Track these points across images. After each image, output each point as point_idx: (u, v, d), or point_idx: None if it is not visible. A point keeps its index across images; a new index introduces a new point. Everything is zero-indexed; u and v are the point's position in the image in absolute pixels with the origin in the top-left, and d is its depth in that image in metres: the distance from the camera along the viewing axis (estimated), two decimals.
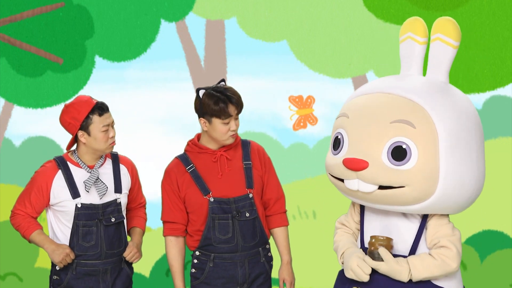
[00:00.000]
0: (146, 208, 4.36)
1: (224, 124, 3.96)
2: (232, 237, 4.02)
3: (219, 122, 3.95)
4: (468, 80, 6.02)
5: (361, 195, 3.40)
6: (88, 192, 4.05)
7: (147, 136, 6.34)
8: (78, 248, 4.07)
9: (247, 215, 4.04)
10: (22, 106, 6.15)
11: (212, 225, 4.01)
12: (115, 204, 4.12)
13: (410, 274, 3.38)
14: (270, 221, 4.16)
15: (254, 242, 4.06)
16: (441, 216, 3.46)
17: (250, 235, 4.05)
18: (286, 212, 4.20)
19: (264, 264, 4.11)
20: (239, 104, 3.97)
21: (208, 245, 4.03)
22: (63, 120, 4.04)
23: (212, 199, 4.00)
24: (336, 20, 6.12)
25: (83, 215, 4.05)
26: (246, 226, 4.04)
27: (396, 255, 3.44)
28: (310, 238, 6.22)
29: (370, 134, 3.34)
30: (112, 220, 4.10)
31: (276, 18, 6.12)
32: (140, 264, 5.42)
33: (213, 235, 4.01)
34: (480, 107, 6.14)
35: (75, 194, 4.05)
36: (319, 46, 6.14)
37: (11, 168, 6.20)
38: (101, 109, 4.01)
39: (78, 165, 4.08)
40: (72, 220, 4.05)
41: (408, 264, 3.38)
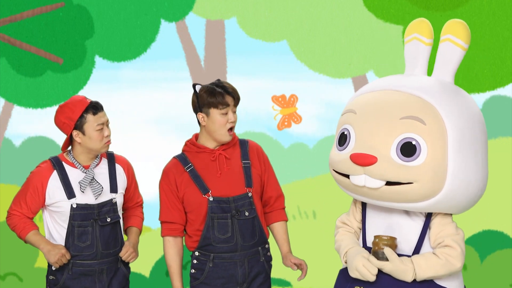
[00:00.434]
0: (143, 208, 4.35)
1: (222, 115, 3.97)
2: (231, 236, 4.02)
3: (217, 113, 3.96)
4: (468, 80, 6.02)
5: (366, 191, 3.40)
6: (83, 192, 4.05)
7: (147, 136, 6.33)
8: (73, 248, 4.07)
9: (246, 214, 4.04)
10: (22, 106, 6.15)
11: (211, 224, 4.01)
12: (111, 204, 4.12)
13: (415, 273, 3.38)
14: (269, 217, 4.17)
15: (254, 241, 4.06)
16: (444, 215, 3.46)
17: (249, 234, 4.05)
18: (285, 208, 4.20)
19: (264, 263, 4.11)
20: (235, 95, 3.99)
21: (207, 245, 4.03)
22: (58, 120, 4.04)
23: (211, 198, 4.00)
24: (336, 20, 6.12)
25: (78, 215, 4.05)
26: (245, 225, 4.04)
27: (400, 254, 3.44)
28: (310, 238, 6.21)
29: (379, 129, 3.35)
30: (108, 220, 4.09)
31: (276, 18, 6.12)
32: (140, 264, 5.41)
33: (212, 234, 4.01)
34: (480, 107, 6.14)
35: (70, 194, 4.05)
36: (319, 46, 6.14)
37: (11, 168, 6.20)
38: (95, 108, 4.01)
39: (73, 165, 4.08)
40: (67, 220, 4.05)
41: (413, 263, 3.38)
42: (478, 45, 5.99)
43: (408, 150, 3.30)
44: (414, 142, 3.30)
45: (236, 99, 4.00)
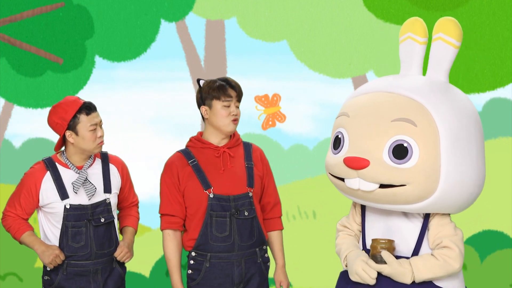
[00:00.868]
0: (138, 207, 4.35)
1: (224, 108, 3.98)
2: (229, 235, 4.01)
3: (220, 105, 3.98)
4: (468, 80, 6.02)
5: (361, 194, 3.40)
6: (76, 193, 4.05)
7: (148, 136, 6.33)
8: (68, 248, 4.07)
9: (246, 214, 4.04)
10: (22, 106, 6.15)
11: (210, 222, 4.00)
12: (105, 204, 4.12)
13: (413, 275, 3.38)
14: (266, 224, 4.17)
15: (251, 242, 4.06)
16: (442, 216, 3.45)
17: (247, 234, 4.04)
18: (281, 216, 4.22)
19: (261, 264, 4.11)
20: (238, 89, 4.01)
21: (204, 243, 4.02)
22: (51, 121, 4.05)
23: (212, 195, 4.00)
24: (336, 20, 6.12)
25: (72, 216, 4.05)
26: (244, 225, 4.03)
27: (398, 256, 3.44)
28: (310, 238, 6.22)
29: (371, 132, 3.34)
30: (102, 220, 4.09)
31: (276, 18, 6.12)
32: (140, 264, 5.41)
33: (210, 232, 4.00)
34: (480, 108, 6.14)
35: (63, 195, 4.05)
36: (319, 46, 6.14)
37: (11, 168, 6.20)
38: (88, 108, 4.01)
39: (66, 166, 4.08)
40: (61, 221, 4.05)
41: (411, 265, 3.38)
42: (478, 45, 5.99)
43: (400, 152, 3.29)
44: (405, 144, 3.29)
45: (239, 93, 4.02)
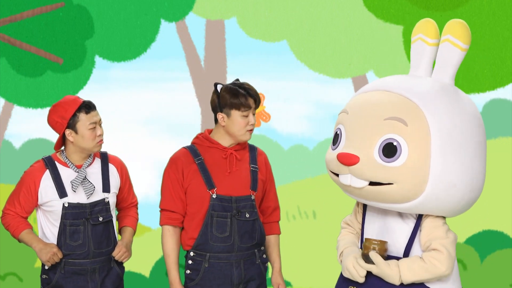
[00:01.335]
0: (138, 208, 4.36)
1: (243, 117, 3.97)
2: (229, 236, 4.01)
3: (239, 114, 3.97)
4: (468, 80, 6.03)
5: (353, 190, 3.42)
6: (75, 191, 4.06)
7: (147, 135, 6.34)
8: (65, 247, 4.07)
9: (247, 215, 4.04)
10: (22, 106, 6.15)
11: (210, 222, 4.00)
12: (103, 203, 4.12)
13: (400, 277, 3.38)
14: (265, 228, 4.18)
15: (251, 244, 4.06)
16: (435, 218, 3.44)
17: (248, 236, 4.04)
18: (279, 221, 4.24)
19: (260, 265, 4.11)
20: (257, 98, 4.01)
21: (204, 243, 4.02)
22: (51, 120, 4.07)
23: (214, 196, 3.99)
24: (336, 20, 6.12)
25: (70, 215, 4.06)
26: (244, 226, 4.03)
27: (392, 256, 3.44)
28: (310, 238, 6.22)
29: (365, 130, 3.35)
30: (100, 219, 4.10)
31: (276, 18, 6.13)
32: (140, 264, 5.41)
33: (210, 232, 4.00)
34: (480, 108, 6.14)
35: (62, 193, 4.06)
36: (319, 46, 6.15)
37: (11, 168, 6.21)
38: (88, 107, 4.03)
39: (66, 164, 4.09)
40: (59, 219, 4.06)
41: (398, 267, 3.38)
42: (478, 45, 5.99)
43: (389, 150, 3.30)
44: (395, 143, 3.29)
45: (258, 102, 4.01)
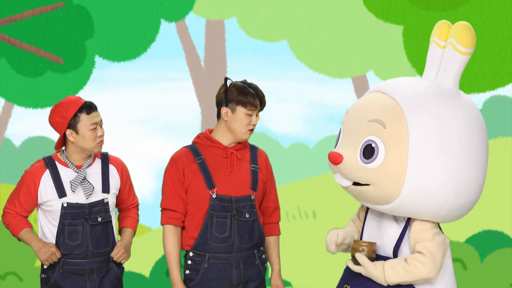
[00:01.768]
0: (138, 209, 4.36)
1: (247, 116, 3.98)
2: (228, 236, 4.01)
3: (243, 112, 3.98)
4: (468, 80, 6.03)
5: (344, 189, 3.47)
6: (74, 191, 4.07)
7: (148, 136, 6.34)
8: (64, 247, 4.08)
9: (247, 216, 4.04)
10: (22, 106, 6.16)
11: (210, 222, 4.00)
12: (102, 204, 4.13)
13: (385, 278, 3.40)
14: (265, 229, 4.18)
15: (251, 244, 4.05)
16: (424, 221, 3.43)
17: (247, 236, 4.04)
18: (279, 222, 4.23)
19: (259, 266, 4.11)
20: (263, 100, 4.02)
21: (203, 243, 4.01)
22: (52, 119, 4.08)
23: (214, 196, 3.99)
24: (336, 20, 6.12)
25: (69, 214, 4.07)
26: (244, 227, 4.03)
27: (383, 257, 3.46)
28: (310, 238, 6.22)
29: (352, 130, 3.40)
30: (99, 219, 4.10)
31: (276, 18, 6.13)
32: (140, 264, 5.41)
33: (209, 232, 4.00)
34: (480, 107, 6.14)
35: (61, 193, 4.07)
36: (319, 46, 6.15)
37: (11, 168, 6.21)
38: (89, 107, 4.04)
39: (66, 164, 4.10)
40: (58, 219, 4.07)
41: (383, 268, 3.39)
42: (478, 45, 5.95)
43: (368, 152, 3.33)
44: (373, 145, 3.32)
45: (263, 104, 4.03)
